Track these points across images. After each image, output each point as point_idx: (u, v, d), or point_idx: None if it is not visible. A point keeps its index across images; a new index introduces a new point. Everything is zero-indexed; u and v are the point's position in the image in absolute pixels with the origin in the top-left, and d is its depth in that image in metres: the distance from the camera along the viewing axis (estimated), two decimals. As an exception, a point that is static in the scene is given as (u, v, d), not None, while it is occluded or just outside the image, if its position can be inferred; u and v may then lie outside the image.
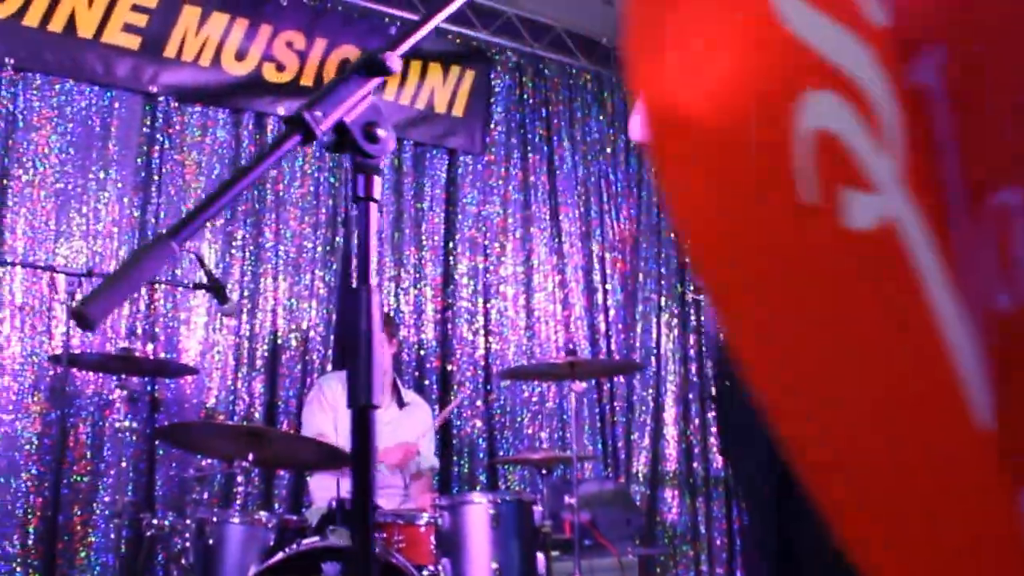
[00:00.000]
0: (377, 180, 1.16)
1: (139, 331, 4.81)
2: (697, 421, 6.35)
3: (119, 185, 4.86)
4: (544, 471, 4.67)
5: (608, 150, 6.46)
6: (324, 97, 1.12)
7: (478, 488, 5.47)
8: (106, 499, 4.56)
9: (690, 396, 6.38)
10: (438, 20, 1.30)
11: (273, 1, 5.23)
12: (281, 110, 5.25)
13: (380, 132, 1.14)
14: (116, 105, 4.89)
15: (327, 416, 4.53)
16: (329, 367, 5.22)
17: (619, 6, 5.82)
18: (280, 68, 5.24)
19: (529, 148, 6.15)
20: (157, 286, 4.79)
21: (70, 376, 3.86)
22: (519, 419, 5.78)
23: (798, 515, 1.64)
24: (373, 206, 1.16)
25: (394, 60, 1.15)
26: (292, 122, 1.10)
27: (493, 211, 5.96)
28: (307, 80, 5.31)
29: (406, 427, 4.69)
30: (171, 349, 4.87)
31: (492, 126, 6.00)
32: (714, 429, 6.37)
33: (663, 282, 6.48)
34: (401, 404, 4.73)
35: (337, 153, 1.16)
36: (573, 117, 6.35)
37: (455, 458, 5.54)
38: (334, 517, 3.59)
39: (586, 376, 4.71)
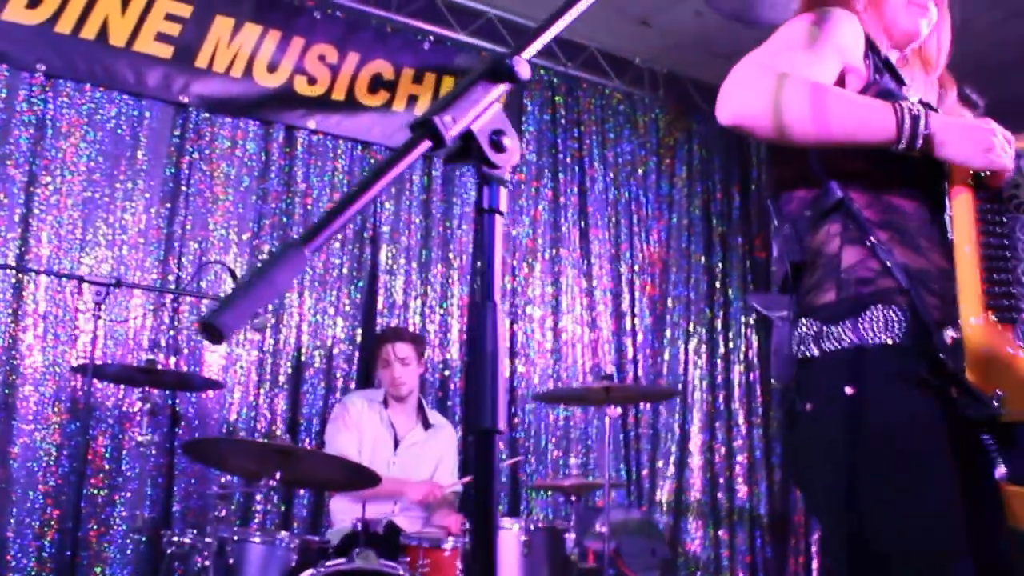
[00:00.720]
0: (503, 191, 1.08)
1: (162, 343, 4.74)
2: (723, 451, 6.23)
3: (147, 195, 4.80)
4: (574, 498, 4.59)
5: (639, 172, 6.38)
6: (453, 101, 1.03)
7: (500, 512, 5.36)
8: (123, 513, 4.48)
9: (716, 425, 6.26)
10: (567, 20, 1.16)
11: (306, 14, 5.19)
12: (312, 123, 5.20)
13: (507, 141, 1.06)
14: (146, 114, 4.84)
15: (351, 435, 4.44)
16: (353, 385, 5.14)
17: (655, 27, 5.81)
18: (312, 81, 5.18)
19: (560, 168, 6.07)
20: (183, 298, 4.73)
21: (91, 387, 3.78)
22: (543, 443, 5.67)
23: (873, 515, 1.60)
24: (499, 218, 1.08)
25: (523, 66, 1.06)
26: (421, 127, 1.01)
27: (522, 231, 5.88)
28: (338, 94, 5.26)
29: (431, 448, 4.60)
30: (193, 363, 4.79)
31: (523, 145, 5.92)
32: (739, 459, 6.26)
33: (692, 308, 6.38)
34: (427, 425, 4.64)
35: (458, 163, 1.06)
36: (605, 138, 6.26)
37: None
38: (357, 539, 3.51)
39: (621, 402, 4.60)
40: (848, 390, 1.62)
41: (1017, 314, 1.54)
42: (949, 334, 1.57)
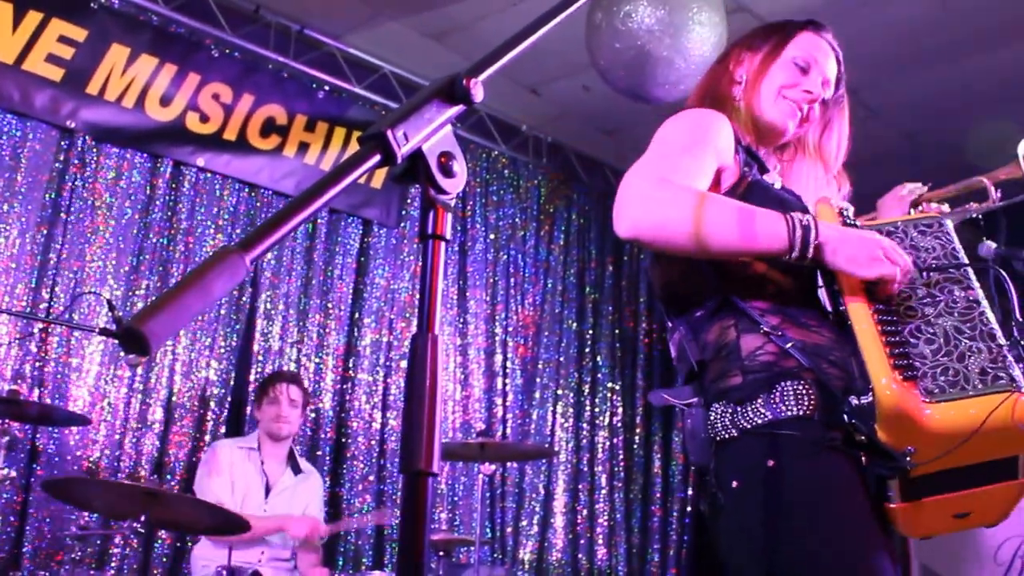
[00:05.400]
0: (448, 217, 1.02)
1: (27, 374, 4.53)
2: (585, 512, 6.34)
3: (23, 219, 4.61)
4: (441, 553, 4.60)
5: (520, 235, 6.53)
6: (406, 117, 0.97)
7: (363, 564, 5.31)
8: (-30, 552, 4.22)
9: (580, 487, 6.38)
10: (523, 48, 1.11)
11: (204, 51, 5.15)
12: (201, 161, 5.13)
13: (456, 166, 1.02)
14: (30, 136, 4.67)
15: (223, 480, 4.33)
16: (223, 429, 5.02)
17: (544, 96, 6.02)
18: (204, 119, 5.12)
19: (443, 226, 6.15)
20: (53, 328, 4.55)
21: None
22: (411, 498, 5.64)
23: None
24: (441, 245, 1.02)
25: (478, 89, 1.01)
26: (372, 139, 0.95)
27: (402, 286, 5.92)
28: (230, 134, 5.21)
29: (300, 494, 4.53)
30: (58, 396, 4.59)
31: (408, 201, 5.99)
32: (601, 521, 6.38)
33: (561, 371, 6.51)
34: (296, 471, 4.58)
35: (403, 184, 1.04)
36: (488, 200, 6.40)
37: (342, 532, 5.36)
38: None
39: (495, 459, 4.67)
40: (770, 462, 1.69)
41: (916, 371, 1.63)
42: (854, 401, 1.65)
